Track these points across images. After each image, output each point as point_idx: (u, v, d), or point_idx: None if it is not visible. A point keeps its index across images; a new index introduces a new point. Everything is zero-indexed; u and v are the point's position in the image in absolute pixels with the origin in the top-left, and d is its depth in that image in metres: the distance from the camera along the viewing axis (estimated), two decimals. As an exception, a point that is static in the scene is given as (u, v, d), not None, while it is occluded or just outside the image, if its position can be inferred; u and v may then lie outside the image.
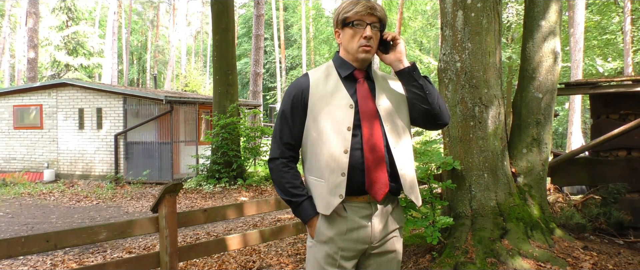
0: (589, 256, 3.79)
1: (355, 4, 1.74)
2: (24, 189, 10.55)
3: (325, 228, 1.73)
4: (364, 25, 1.74)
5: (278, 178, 1.79)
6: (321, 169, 1.73)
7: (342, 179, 1.69)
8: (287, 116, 1.79)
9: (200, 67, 39.21)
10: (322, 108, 1.75)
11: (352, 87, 1.78)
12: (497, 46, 4.10)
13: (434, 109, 1.81)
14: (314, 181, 1.76)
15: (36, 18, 19.75)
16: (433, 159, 4.08)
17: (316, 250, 1.76)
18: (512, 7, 20.19)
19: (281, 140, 1.80)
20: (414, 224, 3.76)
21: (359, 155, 1.71)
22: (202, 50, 47.88)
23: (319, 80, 1.80)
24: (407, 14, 30.93)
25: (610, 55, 21.92)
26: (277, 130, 1.82)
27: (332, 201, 1.70)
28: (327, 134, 1.72)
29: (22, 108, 12.91)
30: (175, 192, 3.25)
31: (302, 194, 1.76)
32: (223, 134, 10.31)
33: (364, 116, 1.74)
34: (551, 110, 4.35)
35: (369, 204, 1.74)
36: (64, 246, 2.79)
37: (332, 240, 1.72)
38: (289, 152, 1.80)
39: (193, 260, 4.68)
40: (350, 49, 1.77)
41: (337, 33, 1.84)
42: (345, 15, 1.75)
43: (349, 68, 1.80)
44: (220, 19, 10.94)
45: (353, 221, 1.72)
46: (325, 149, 1.72)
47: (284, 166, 1.78)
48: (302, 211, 1.76)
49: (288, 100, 1.80)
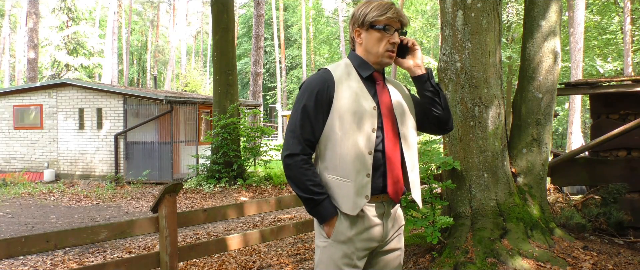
0: (589, 256, 3.79)
1: (387, 9, 1.74)
2: (24, 189, 10.55)
3: (346, 228, 1.73)
4: (392, 31, 1.76)
5: (298, 175, 1.71)
6: (347, 169, 1.72)
7: (367, 179, 1.72)
8: (310, 111, 1.73)
9: (200, 67, 39.22)
10: (348, 107, 1.73)
11: (372, 89, 1.80)
12: (497, 46, 4.10)
13: (445, 115, 1.87)
14: (337, 181, 1.73)
15: (36, 18, 19.76)
16: (433, 159, 4.09)
17: (333, 251, 1.74)
18: (512, 7, 20.19)
19: (302, 135, 1.73)
20: (414, 224, 3.76)
21: (380, 156, 1.75)
22: (202, 50, 47.89)
23: (342, 78, 1.78)
24: (407, 14, 30.91)
25: (610, 55, 21.93)
26: (297, 125, 1.74)
27: (359, 202, 1.71)
28: (353, 134, 1.72)
29: (22, 108, 12.91)
30: (175, 192, 3.25)
31: (322, 191, 1.72)
32: (223, 134, 10.31)
33: (385, 119, 1.77)
34: (551, 110, 4.35)
35: (382, 203, 1.78)
36: (64, 246, 2.79)
37: (351, 241, 1.73)
38: (309, 149, 1.75)
39: (193, 260, 4.68)
40: (374, 52, 1.78)
41: (357, 32, 1.82)
42: (376, 19, 1.74)
43: (369, 69, 1.80)
44: (220, 19, 10.95)
45: (370, 221, 1.75)
46: (352, 150, 1.72)
47: (305, 163, 1.72)
48: (323, 210, 1.72)
49: (311, 94, 1.73)
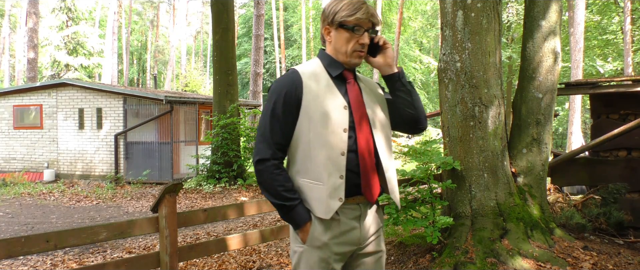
0: (589, 256, 3.78)
1: (357, 9, 1.70)
2: (24, 189, 10.55)
3: (320, 233, 1.68)
4: (361, 32, 1.72)
5: (269, 181, 1.67)
6: (319, 171, 1.67)
7: (340, 181, 1.67)
8: (279, 114, 1.68)
9: (200, 67, 39.22)
10: (317, 108, 1.69)
11: (343, 88, 1.76)
12: (497, 46, 4.10)
13: (419, 113, 1.82)
14: (310, 184, 1.69)
15: (36, 18, 19.76)
16: (433, 159, 4.08)
17: (309, 256, 1.70)
18: (512, 7, 20.20)
19: (272, 139, 1.69)
20: (414, 224, 3.76)
21: (354, 157, 1.70)
22: (202, 50, 47.88)
23: (310, 78, 1.72)
24: (407, 14, 30.92)
25: (610, 55, 21.93)
26: (267, 129, 1.70)
27: (332, 205, 1.66)
28: (324, 135, 1.67)
29: (22, 108, 12.91)
30: (175, 192, 3.25)
31: (295, 197, 1.68)
32: (223, 134, 10.31)
33: (357, 118, 1.73)
34: (551, 110, 4.35)
35: (358, 205, 1.73)
36: (64, 246, 2.79)
37: (327, 245, 1.69)
38: (280, 153, 1.71)
39: (193, 260, 4.68)
40: (343, 52, 1.74)
41: (327, 30, 1.77)
42: (345, 19, 1.70)
43: (339, 68, 1.76)
44: (220, 19, 10.94)
45: (346, 224, 1.71)
46: (323, 151, 1.67)
47: (276, 168, 1.68)
48: (297, 215, 1.67)
49: (279, 97, 1.69)
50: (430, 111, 31.12)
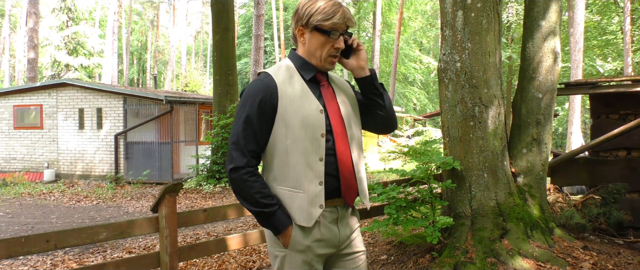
0: (589, 256, 3.78)
1: (334, 13, 1.65)
2: (24, 189, 10.55)
3: (302, 237, 1.66)
4: (337, 36, 1.68)
5: (245, 188, 1.63)
6: (298, 179, 1.64)
7: (320, 188, 1.65)
8: (253, 121, 1.63)
9: (200, 67, 39.22)
10: (294, 113, 1.64)
11: (317, 91, 1.72)
12: (497, 46, 4.10)
13: (389, 115, 1.81)
14: (289, 192, 1.66)
15: (36, 18, 19.76)
16: (433, 159, 4.08)
17: (291, 259, 1.68)
18: (512, 7, 20.20)
19: (246, 147, 1.63)
20: (414, 224, 3.76)
21: (333, 161, 1.68)
22: (202, 50, 47.89)
23: (284, 82, 1.67)
24: (407, 14, 30.94)
25: (610, 55, 21.94)
26: (240, 136, 1.64)
27: (313, 212, 1.65)
28: (302, 141, 1.64)
29: (22, 108, 12.91)
30: (175, 192, 3.25)
31: (273, 202, 1.64)
32: (223, 134, 10.31)
33: (334, 121, 1.70)
34: (551, 110, 4.35)
35: (336, 208, 1.72)
36: (64, 246, 2.79)
37: (309, 248, 1.67)
38: (254, 161, 1.66)
39: (193, 260, 4.68)
40: (317, 56, 1.70)
41: (300, 31, 1.71)
42: (321, 23, 1.65)
43: (312, 70, 1.72)
44: (220, 19, 10.95)
45: (325, 227, 1.69)
46: (301, 158, 1.64)
47: (251, 176, 1.63)
48: (277, 221, 1.64)
49: (253, 103, 1.63)
50: (430, 111, 31.15)
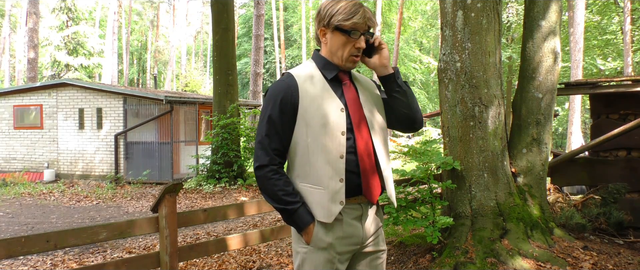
0: (589, 256, 3.79)
1: (354, 13, 1.68)
2: (24, 189, 10.55)
3: (324, 234, 1.69)
4: (358, 36, 1.71)
5: (269, 186, 1.69)
6: (319, 176, 1.68)
7: (340, 184, 1.68)
8: (275, 120, 1.69)
9: (200, 67, 39.23)
10: (314, 112, 1.69)
11: (339, 90, 1.76)
12: (497, 46, 4.10)
13: (414, 113, 1.82)
14: (310, 189, 1.70)
15: (36, 18, 19.76)
16: (433, 159, 4.08)
17: (314, 257, 1.71)
18: (512, 7, 20.19)
19: (269, 146, 1.69)
20: (414, 224, 3.76)
21: (353, 158, 1.70)
22: (202, 50, 47.89)
23: (306, 82, 1.72)
24: (407, 14, 30.93)
25: (610, 55, 21.94)
26: (264, 135, 1.70)
27: (333, 208, 1.68)
28: (322, 139, 1.68)
29: (22, 108, 12.91)
30: (175, 192, 3.25)
31: (296, 200, 1.68)
32: (223, 134, 10.31)
33: (355, 120, 1.73)
34: (551, 110, 4.35)
35: (360, 205, 1.74)
36: (64, 246, 2.80)
37: (332, 246, 1.70)
38: (278, 159, 1.71)
39: (193, 260, 4.68)
40: (339, 55, 1.74)
41: (322, 31, 1.75)
42: (342, 23, 1.69)
43: (334, 70, 1.76)
44: (220, 19, 10.95)
45: (348, 224, 1.72)
46: (321, 155, 1.68)
47: (275, 173, 1.68)
48: (299, 218, 1.68)
49: (275, 103, 1.69)
50: (430, 111, 31.14)
